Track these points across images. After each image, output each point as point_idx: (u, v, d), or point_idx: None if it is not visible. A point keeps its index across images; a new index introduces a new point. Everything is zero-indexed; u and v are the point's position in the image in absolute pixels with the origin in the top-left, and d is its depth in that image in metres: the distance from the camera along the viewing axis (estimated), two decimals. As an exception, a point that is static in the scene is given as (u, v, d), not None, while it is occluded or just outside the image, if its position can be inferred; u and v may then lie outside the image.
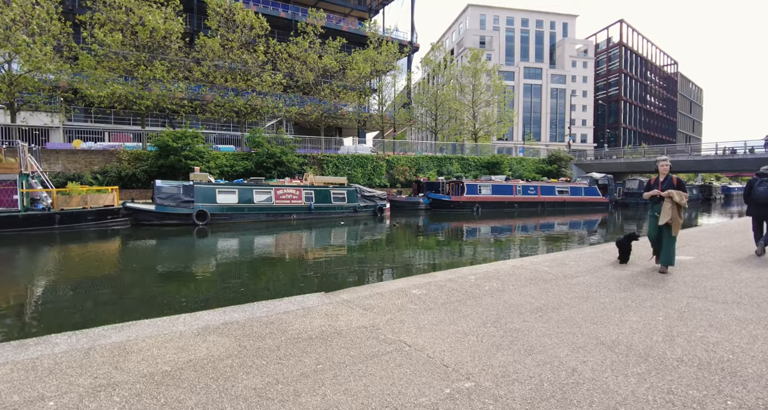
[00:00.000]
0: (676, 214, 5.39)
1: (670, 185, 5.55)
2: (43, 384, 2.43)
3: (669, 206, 5.39)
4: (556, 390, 2.34)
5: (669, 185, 5.57)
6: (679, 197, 5.37)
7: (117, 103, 23.40)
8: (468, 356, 2.80)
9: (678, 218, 5.41)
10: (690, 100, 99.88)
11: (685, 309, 3.90)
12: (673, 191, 5.41)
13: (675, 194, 5.38)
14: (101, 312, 6.18)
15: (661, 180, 5.65)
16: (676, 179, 5.55)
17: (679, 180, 5.52)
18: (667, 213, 5.38)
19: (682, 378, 2.48)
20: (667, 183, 5.59)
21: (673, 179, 5.57)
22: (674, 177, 5.58)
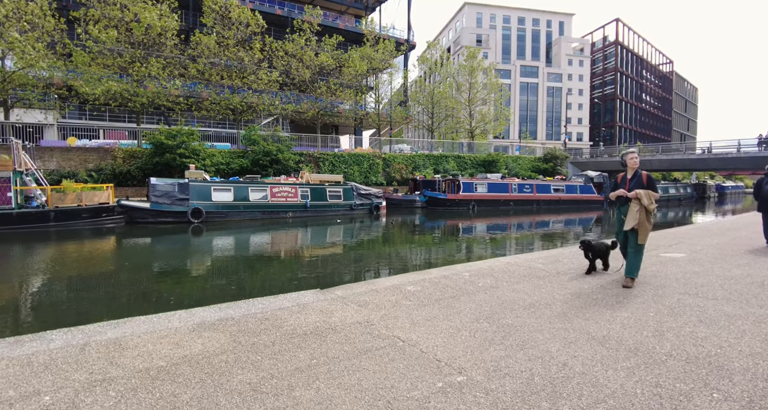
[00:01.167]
0: (644, 218, 4.60)
1: (638, 184, 4.74)
2: (38, 379, 2.44)
3: (636, 209, 4.61)
4: (547, 383, 2.38)
5: (638, 183, 4.75)
6: (648, 199, 4.60)
7: (112, 100, 23.24)
8: (461, 351, 2.84)
9: (646, 223, 4.62)
10: (685, 99, 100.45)
11: (676, 304, 3.95)
12: (641, 191, 4.63)
13: (643, 195, 4.59)
14: (97, 308, 6.18)
15: (629, 177, 4.88)
16: (646, 177, 4.75)
17: (650, 178, 4.75)
18: (633, 217, 4.61)
19: (670, 371, 2.53)
20: (636, 181, 4.78)
21: (642, 176, 4.77)
22: (644, 174, 4.78)
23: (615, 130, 73.24)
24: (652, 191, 4.67)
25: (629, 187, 4.78)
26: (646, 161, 36.41)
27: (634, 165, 4.89)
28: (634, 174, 4.85)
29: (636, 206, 4.62)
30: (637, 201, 4.62)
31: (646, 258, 6.35)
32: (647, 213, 4.61)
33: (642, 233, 4.63)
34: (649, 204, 4.60)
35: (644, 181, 4.72)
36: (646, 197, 4.60)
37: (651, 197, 4.63)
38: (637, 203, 4.62)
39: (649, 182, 4.72)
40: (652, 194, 4.64)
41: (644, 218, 4.61)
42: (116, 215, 15.71)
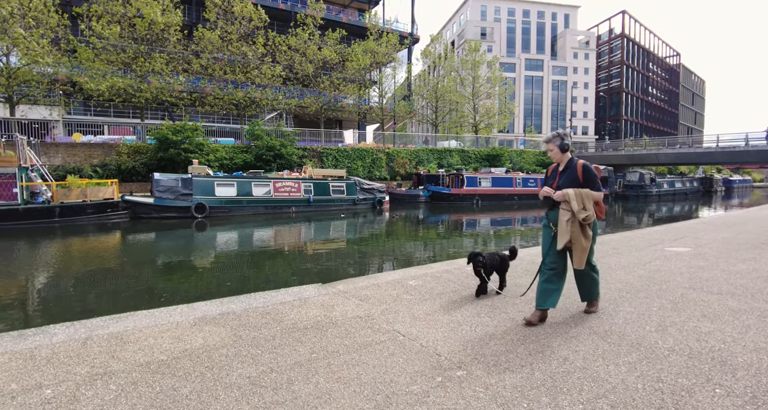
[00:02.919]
0: (578, 232, 3.14)
1: (570, 179, 3.26)
2: (40, 372, 2.46)
3: (566, 218, 3.16)
4: (547, 378, 2.37)
5: (570, 178, 3.27)
6: (579, 204, 3.12)
7: (116, 96, 23.31)
8: (461, 345, 2.83)
9: (581, 237, 3.14)
10: (692, 92, 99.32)
11: (680, 299, 3.92)
12: (571, 191, 3.16)
13: (573, 197, 3.12)
14: (99, 303, 6.23)
15: (560, 170, 3.38)
16: (581, 168, 3.24)
17: (587, 170, 3.25)
18: (563, 230, 3.18)
19: (672, 366, 2.50)
20: (568, 175, 3.29)
21: (577, 167, 3.26)
22: (580, 164, 3.27)
23: (621, 123, 72.62)
24: (591, 191, 3.17)
25: (557, 184, 3.30)
26: (652, 154, 36.12)
27: (555, 156, 3.40)
28: (568, 166, 3.33)
29: (566, 213, 3.17)
30: (567, 207, 3.17)
31: (650, 253, 6.32)
32: (583, 226, 3.15)
33: (577, 255, 3.17)
34: (579, 211, 3.10)
35: (579, 175, 3.21)
36: (577, 201, 3.11)
37: (586, 200, 3.13)
38: (567, 210, 3.17)
39: (587, 177, 3.21)
40: (587, 195, 3.14)
41: (579, 233, 3.13)
42: (120, 210, 15.80)
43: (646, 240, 7.60)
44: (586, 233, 3.17)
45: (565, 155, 3.38)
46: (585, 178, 3.23)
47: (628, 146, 41.08)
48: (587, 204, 3.13)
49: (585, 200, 3.14)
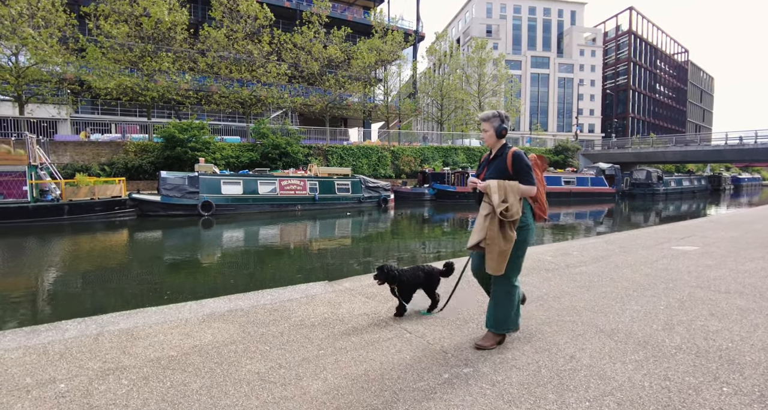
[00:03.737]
0: (496, 231, 2.61)
1: (499, 169, 2.79)
2: (54, 367, 2.51)
3: (484, 213, 2.68)
4: (553, 376, 2.38)
5: (498, 167, 2.80)
6: (500, 197, 2.62)
7: (123, 94, 23.48)
8: (467, 342, 2.84)
9: (500, 239, 2.60)
10: (701, 89, 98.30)
11: (687, 298, 3.91)
12: (493, 182, 2.68)
13: (495, 189, 2.64)
14: (110, 299, 6.31)
15: (490, 157, 2.94)
16: (511, 157, 2.76)
17: (518, 158, 2.75)
18: (478, 227, 2.69)
19: (679, 365, 2.50)
20: (497, 164, 2.83)
21: (507, 155, 2.78)
22: (511, 152, 2.78)
23: (627, 121, 72.06)
24: (520, 184, 2.68)
25: (485, 173, 2.86)
26: (659, 152, 35.82)
27: (489, 140, 2.90)
28: (499, 152, 2.86)
29: (486, 207, 2.68)
30: (487, 200, 2.69)
31: (657, 251, 6.28)
32: (503, 223, 2.61)
33: (492, 257, 2.62)
34: (498, 205, 2.57)
35: (508, 165, 2.74)
36: (499, 193, 2.62)
37: (510, 193, 2.63)
38: (488, 203, 2.68)
39: (517, 167, 2.73)
40: (512, 188, 2.65)
41: (496, 232, 2.60)
42: (128, 208, 15.95)
43: (653, 239, 7.57)
44: (505, 233, 2.59)
45: (500, 141, 2.89)
46: (515, 168, 2.73)
47: (635, 143, 40.78)
48: (510, 198, 2.61)
49: (509, 193, 2.62)
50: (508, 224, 2.61)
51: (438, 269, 3.54)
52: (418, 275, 3.43)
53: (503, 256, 2.61)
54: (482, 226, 2.66)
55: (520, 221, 2.72)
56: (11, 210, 13.42)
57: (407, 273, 3.37)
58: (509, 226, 2.62)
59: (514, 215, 2.60)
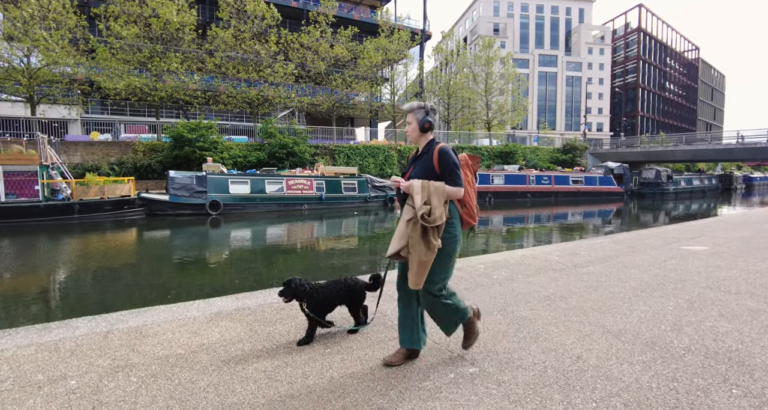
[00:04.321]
0: (417, 238, 2.31)
1: (425, 168, 2.49)
2: (65, 364, 2.55)
3: (407, 218, 2.37)
4: (560, 376, 2.37)
5: (424, 166, 2.50)
6: (422, 199, 2.32)
7: (132, 95, 23.72)
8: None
9: (422, 245, 2.30)
10: (711, 87, 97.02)
11: (696, 299, 3.87)
12: (417, 183, 2.38)
13: (418, 190, 2.35)
14: (119, 297, 6.39)
15: (418, 154, 2.64)
16: (437, 154, 2.45)
17: (445, 155, 2.44)
18: (399, 235, 2.39)
19: (687, 366, 2.48)
20: (423, 162, 2.53)
21: (434, 152, 2.47)
22: (436, 149, 2.47)
23: (636, 120, 71.36)
24: (446, 185, 2.40)
25: (411, 172, 2.57)
26: (669, 151, 35.42)
27: (413, 134, 2.61)
28: (425, 149, 2.57)
29: (409, 211, 2.38)
30: (411, 202, 2.39)
31: (666, 251, 6.22)
32: (426, 230, 2.30)
33: (413, 269, 2.33)
34: (420, 207, 2.28)
35: (435, 162, 2.44)
36: (422, 195, 2.33)
37: (434, 195, 2.34)
38: (411, 206, 2.38)
39: (443, 166, 2.43)
40: (437, 189, 2.36)
41: (417, 239, 2.30)
42: (137, 207, 16.11)
43: (662, 239, 7.49)
44: (428, 241, 2.29)
45: (425, 136, 2.59)
46: (441, 167, 2.43)
47: (644, 142, 40.36)
48: (435, 201, 2.32)
49: (433, 195, 2.33)
50: (431, 231, 2.31)
51: (363, 282, 3.11)
52: (337, 289, 2.98)
53: (423, 267, 2.31)
54: (403, 233, 2.36)
55: (446, 230, 2.42)
56: (23, 209, 13.63)
57: (323, 288, 2.94)
58: (433, 233, 2.31)
59: (437, 220, 2.30)
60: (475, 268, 5.12)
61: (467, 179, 2.57)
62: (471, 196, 2.59)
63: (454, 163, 2.45)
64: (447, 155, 2.45)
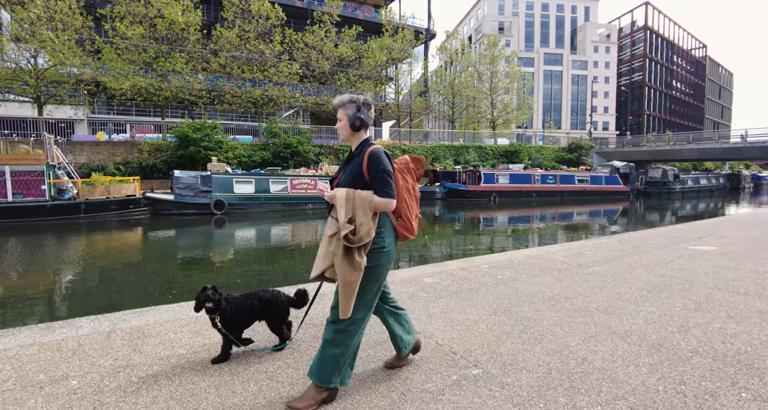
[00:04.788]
0: (341, 257, 2.01)
1: (354, 174, 2.14)
2: (67, 364, 2.55)
3: (330, 233, 2.08)
4: (564, 378, 2.33)
5: (354, 171, 2.15)
6: (348, 213, 2.03)
7: (137, 95, 23.85)
8: (477, 344, 2.81)
9: (345, 266, 2.00)
10: (719, 85, 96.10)
11: (704, 300, 3.81)
12: (341, 193, 2.08)
13: (341, 203, 2.05)
14: (122, 296, 6.41)
15: (350, 156, 2.26)
16: (367, 158, 2.10)
17: (374, 160, 2.08)
18: (322, 253, 2.10)
19: (695, 369, 2.44)
20: (353, 167, 2.17)
21: (365, 155, 2.12)
22: (367, 152, 2.12)
23: (643, 118, 70.84)
24: (376, 196, 2.05)
25: (341, 177, 2.21)
26: (676, 150, 35.12)
27: (344, 131, 2.23)
28: (357, 151, 2.21)
29: (333, 226, 2.08)
30: (334, 216, 2.09)
31: (673, 251, 6.15)
32: (350, 249, 2.00)
33: (341, 294, 2.03)
34: (344, 225, 1.99)
35: (364, 167, 2.09)
36: (346, 208, 2.03)
37: (360, 208, 2.04)
38: (334, 220, 2.08)
39: (372, 171, 2.08)
40: (363, 201, 2.04)
41: (341, 258, 2.00)
42: (142, 207, 16.19)
43: (669, 238, 7.41)
44: (352, 259, 1.98)
45: (358, 136, 2.22)
46: (370, 174, 2.06)
47: (651, 141, 40.04)
48: (361, 216, 2.00)
49: (358, 208, 2.01)
50: (357, 251, 2.01)
51: (285, 297, 2.76)
52: (251, 304, 2.64)
53: (350, 289, 1.99)
54: (326, 251, 2.07)
55: (374, 242, 2.09)
56: (30, 209, 13.73)
57: (236, 301, 2.62)
58: (358, 250, 2.01)
59: (363, 239, 1.99)
60: (479, 268, 5.08)
61: (406, 185, 2.25)
62: (409, 206, 2.24)
63: (385, 170, 2.08)
64: (377, 159, 2.08)
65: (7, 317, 5.42)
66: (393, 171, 2.17)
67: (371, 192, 2.06)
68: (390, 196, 2.08)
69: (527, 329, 3.09)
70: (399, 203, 2.18)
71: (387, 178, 2.08)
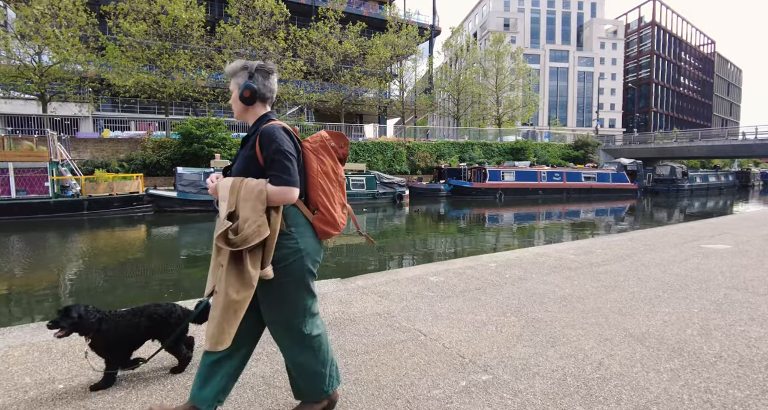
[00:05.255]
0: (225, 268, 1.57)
1: (246, 157, 1.70)
2: (55, 366, 2.43)
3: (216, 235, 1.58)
4: (581, 385, 2.18)
5: (246, 155, 1.71)
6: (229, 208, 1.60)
7: (141, 92, 23.81)
8: (486, 347, 2.66)
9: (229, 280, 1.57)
10: (728, 82, 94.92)
11: (723, 300, 3.64)
12: (225, 183, 1.67)
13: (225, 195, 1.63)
14: (121, 295, 6.32)
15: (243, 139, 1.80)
16: (260, 136, 1.65)
17: (267, 136, 1.62)
18: (213, 266, 1.70)
19: (721, 375, 2.28)
20: (247, 150, 1.72)
21: (258, 136, 1.66)
22: (262, 130, 1.66)
23: (650, 116, 70.11)
24: (270, 185, 1.61)
25: (234, 165, 1.80)
26: (684, 147, 34.67)
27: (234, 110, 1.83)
28: (252, 129, 1.77)
29: (220, 228, 1.60)
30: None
31: (686, 250, 5.96)
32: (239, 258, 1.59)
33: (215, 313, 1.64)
34: (223, 222, 1.60)
35: (257, 149, 1.66)
36: (230, 201, 1.62)
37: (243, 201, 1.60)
38: (222, 226, 1.60)
39: (265, 152, 1.64)
40: (253, 191, 1.59)
41: (225, 269, 1.59)
42: (145, 203, 16.15)
43: (681, 236, 7.21)
44: (241, 273, 1.56)
45: (252, 111, 1.78)
46: (264, 156, 1.64)
47: (658, 138, 39.56)
48: (246, 210, 1.56)
49: (242, 201, 1.57)
50: (247, 255, 1.55)
51: (181, 311, 2.33)
52: (139, 323, 2.17)
53: (231, 312, 1.56)
54: (215, 261, 1.67)
55: (283, 244, 1.64)
56: (33, 205, 13.71)
57: (119, 318, 2.17)
58: (251, 259, 1.55)
59: (249, 239, 1.52)
60: (487, 266, 4.93)
61: (323, 168, 1.77)
62: (328, 193, 1.76)
63: (279, 149, 1.61)
64: (270, 138, 1.62)
65: (2, 314, 5.34)
66: (299, 151, 1.73)
67: (264, 181, 1.62)
68: (288, 183, 1.61)
69: (539, 331, 2.94)
70: (313, 191, 1.75)
71: (283, 161, 1.62)
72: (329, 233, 1.79)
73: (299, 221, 1.73)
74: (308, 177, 1.76)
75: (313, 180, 1.76)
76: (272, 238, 1.62)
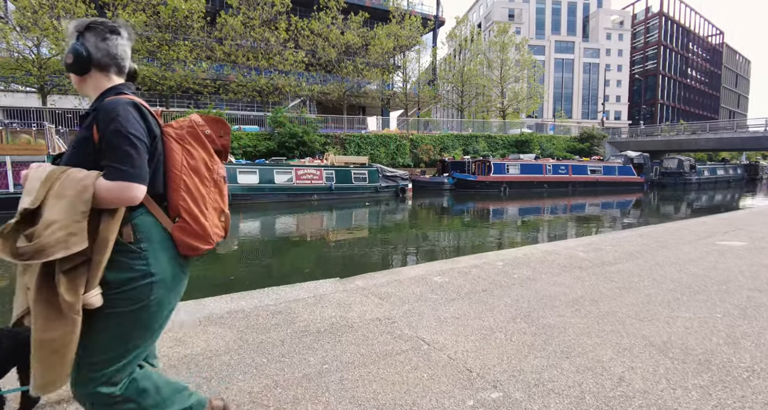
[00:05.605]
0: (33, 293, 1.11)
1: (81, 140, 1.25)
2: (26, 379, 2.23)
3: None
4: (602, 405, 1.96)
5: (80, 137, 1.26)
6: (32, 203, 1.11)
7: (141, 84, 23.55)
8: (495, 358, 2.44)
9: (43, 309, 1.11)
10: (736, 73, 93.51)
11: (747, 304, 3.40)
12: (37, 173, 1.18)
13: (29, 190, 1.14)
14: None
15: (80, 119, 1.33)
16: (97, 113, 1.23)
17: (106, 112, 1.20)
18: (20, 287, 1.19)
19: (757, 394, 2.05)
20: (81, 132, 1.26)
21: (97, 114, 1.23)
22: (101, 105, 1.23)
23: (656, 108, 69.21)
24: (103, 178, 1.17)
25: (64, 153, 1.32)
26: (692, 140, 34.15)
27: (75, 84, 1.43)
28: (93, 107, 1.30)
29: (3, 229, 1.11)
30: None
31: (700, 247, 5.71)
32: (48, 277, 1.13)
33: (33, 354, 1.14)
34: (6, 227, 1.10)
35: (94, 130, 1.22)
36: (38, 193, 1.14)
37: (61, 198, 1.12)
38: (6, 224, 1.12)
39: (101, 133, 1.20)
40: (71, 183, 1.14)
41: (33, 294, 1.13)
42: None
43: (694, 233, 6.96)
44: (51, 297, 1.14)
45: (93, 82, 1.37)
46: (101, 136, 1.21)
47: (665, 131, 38.99)
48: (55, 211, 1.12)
49: (55, 196, 1.14)
50: (61, 275, 1.13)
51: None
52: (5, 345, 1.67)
53: (47, 351, 1.14)
54: (21, 283, 1.21)
55: (126, 263, 1.24)
56: (33, 200, 13.57)
57: None
58: (65, 280, 1.13)
59: (46, 250, 1.09)
60: (493, 265, 4.71)
61: (191, 162, 1.37)
62: (196, 195, 1.36)
63: (119, 130, 1.19)
64: (110, 114, 1.21)
65: None
66: (155, 137, 1.32)
67: (95, 173, 1.18)
68: (128, 177, 1.18)
69: (551, 339, 2.72)
70: (175, 192, 1.33)
71: (124, 146, 1.19)
72: (196, 247, 1.37)
73: (154, 236, 1.29)
74: (169, 173, 1.34)
75: (175, 177, 1.33)
76: (101, 253, 1.16)
